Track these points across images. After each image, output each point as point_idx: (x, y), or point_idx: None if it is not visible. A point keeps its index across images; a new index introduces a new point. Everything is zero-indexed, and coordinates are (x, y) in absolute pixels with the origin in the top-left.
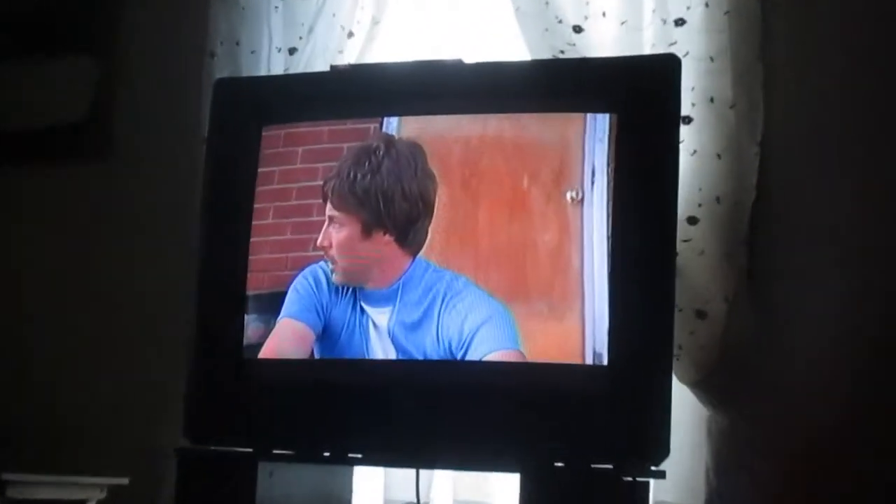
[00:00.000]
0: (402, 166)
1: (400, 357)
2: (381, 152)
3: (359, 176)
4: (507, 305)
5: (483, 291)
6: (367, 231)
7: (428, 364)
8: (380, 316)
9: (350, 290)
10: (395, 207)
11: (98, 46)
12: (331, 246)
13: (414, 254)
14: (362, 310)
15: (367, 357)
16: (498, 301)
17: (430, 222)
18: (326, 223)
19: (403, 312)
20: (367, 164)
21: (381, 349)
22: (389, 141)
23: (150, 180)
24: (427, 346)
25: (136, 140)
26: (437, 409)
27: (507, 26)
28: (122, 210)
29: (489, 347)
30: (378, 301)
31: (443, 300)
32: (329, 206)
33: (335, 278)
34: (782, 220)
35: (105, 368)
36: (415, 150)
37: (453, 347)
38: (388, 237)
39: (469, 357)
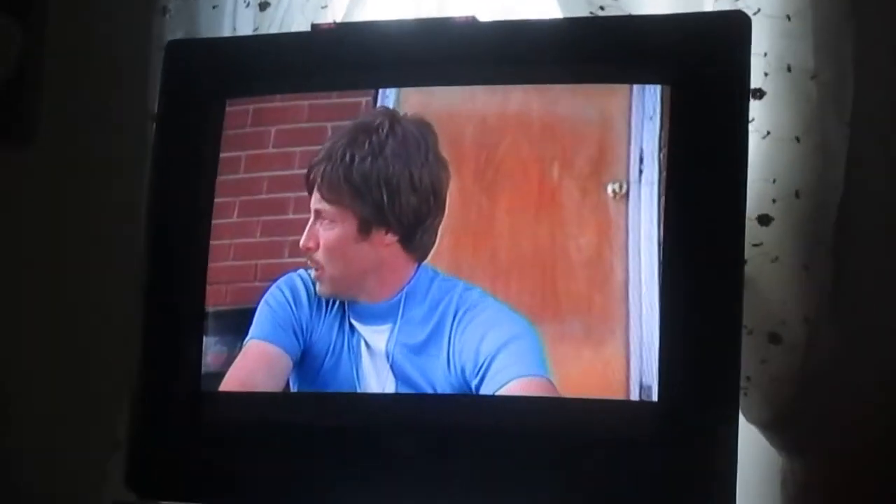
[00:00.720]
0: (411, 149)
1: (400, 387)
2: (385, 130)
3: (356, 159)
4: (533, 324)
5: (504, 305)
6: (364, 229)
7: (434, 399)
8: (375, 336)
9: (337, 304)
10: (402, 200)
11: (19, 3)
12: (317, 247)
13: (419, 259)
14: (352, 329)
15: (357, 388)
16: (523, 317)
17: (440, 221)
18: (312, 219)
19: (406, 332)
20: (366, 144)
21: (375, 378)
22: (394, 117)
23: (86, 168)
24: (436, 374)
25: (68, 118)
26: (445, 456)
27: None
28: (49, 206)
29: (511, 374)
30: (373, 318)
31: (454, 316)
32: (316, 197)
33: (320, 289)
34: (876, 221)
35: (32, 403)
36: (424, 130)
37: (467, 374)
38: (390, 237)
39: (486, 385)
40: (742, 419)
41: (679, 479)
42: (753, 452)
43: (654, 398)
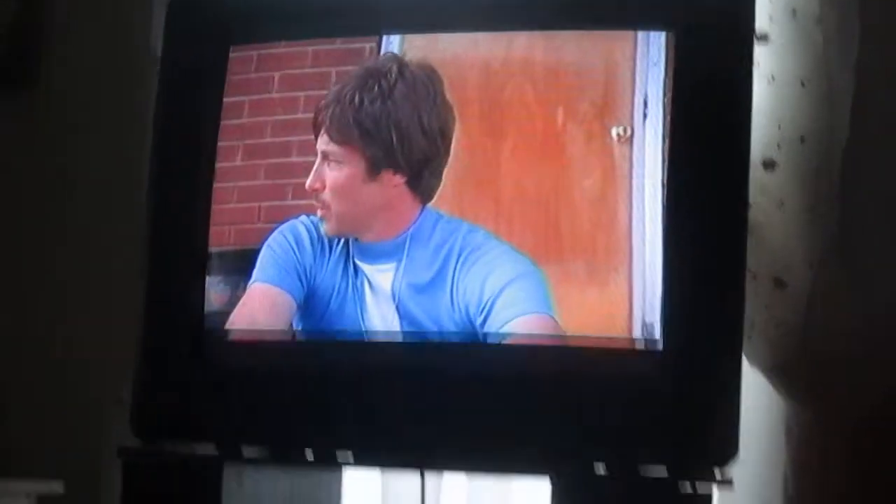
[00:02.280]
0: (420, 93)
1: (405, 326)
2: (394, 75)
3: (366, 101)
4: (537, 265)
5: (508, 246)
6: (373, 170)
7: (438, 343)
8: (380, 275)
9: (340, 245)
10: (412, 142)
11: None
12: (323, 188)
13: (424, 202)
14: (356, 269)
15: (362, 328)
16: (527, 257)
17: (446, 163)
18: (319, 161)
19: (411, 271)
20: (376, 87)
21: (380, 318)
22: (401, 62)
23: (88, 115)
24: (440, 313)
25: (69, 64)
26: (447, 397)
27: None
28: (50, 155)
29: (516, 311)
30: (378, 256)
31: (458, 257)
32: (324, 139)
33: (326, 228)
34: (882, 166)
35: (34, 346)
36: (432, 76)
37: (471, 313)
38: (398, 178)
39: (490, 322)
40: (746, 364)
41: (682, 422)
42: (758, 398)
43: (657, 338)
